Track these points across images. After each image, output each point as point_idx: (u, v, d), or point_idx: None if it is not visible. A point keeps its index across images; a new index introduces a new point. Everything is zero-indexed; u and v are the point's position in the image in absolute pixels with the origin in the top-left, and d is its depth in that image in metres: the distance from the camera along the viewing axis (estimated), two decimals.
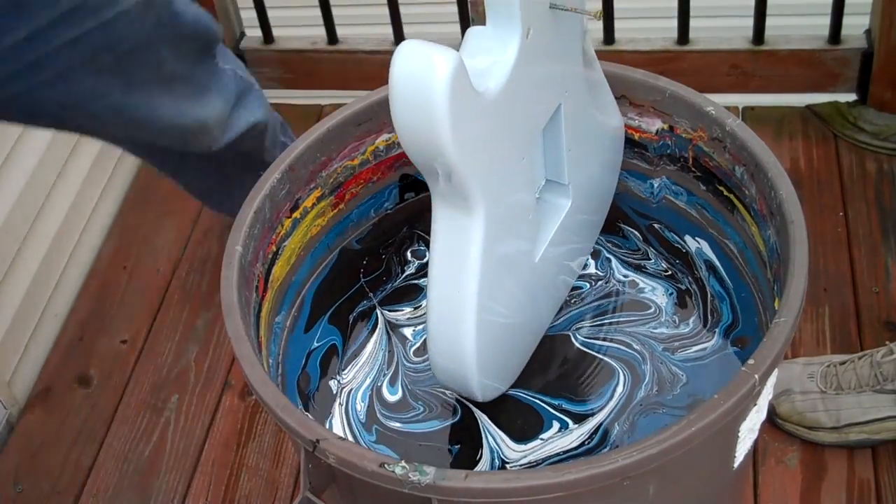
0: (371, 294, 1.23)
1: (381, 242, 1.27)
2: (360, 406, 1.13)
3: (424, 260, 1.25)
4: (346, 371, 1.16)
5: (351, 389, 1.15)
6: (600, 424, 1.08)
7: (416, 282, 1.23)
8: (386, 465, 0.86)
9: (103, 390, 1.69)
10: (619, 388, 1.10)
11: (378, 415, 1.12)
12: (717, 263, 1.19)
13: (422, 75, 0.77)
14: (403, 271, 1.24)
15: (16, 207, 1.69)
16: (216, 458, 1.58)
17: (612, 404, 1.09)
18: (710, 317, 1.16)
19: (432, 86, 0.77)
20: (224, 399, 1.65)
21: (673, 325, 1.16)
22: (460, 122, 0.80)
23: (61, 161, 1.83)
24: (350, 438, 1.09)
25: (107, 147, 1.98)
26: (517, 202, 1.00)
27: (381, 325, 1.20)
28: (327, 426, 1.11)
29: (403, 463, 0.86)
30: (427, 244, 1.22)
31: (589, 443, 1.07)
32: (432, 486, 0.85)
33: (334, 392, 1.14)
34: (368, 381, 1.15)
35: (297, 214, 1.16)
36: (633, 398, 1.09)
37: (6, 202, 1.68)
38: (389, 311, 1.21)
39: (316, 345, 1.19)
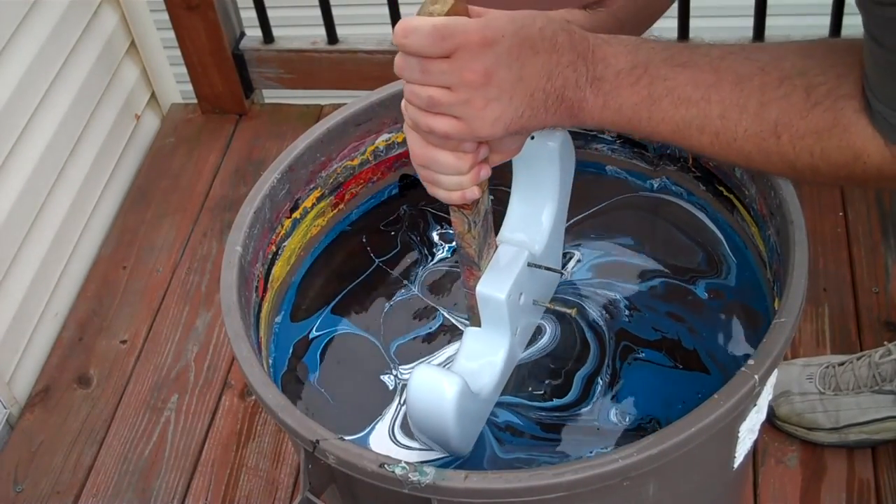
0: (406, 282, 1.16)
1: (378, 219, 1.22)
2: None
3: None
4: (406, 368, 1.09)
5: None
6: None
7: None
8: (386, 466, 0.86)
9: (103, 390, 1.69)
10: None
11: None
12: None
13: (434, 398, 0.94)
14: (433, 255, 1.18)
15: (16, 207, 1.69)
16: (216, 458, 1.58)
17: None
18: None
19: (442, 405, 0.94)
20: (224, 399, 1.65)
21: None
22: (462, 420, 0.96)
23: (61, 161, 1.83)
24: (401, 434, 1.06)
25: (106, 147, 1.98)
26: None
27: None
28: (371, 426, 1.05)
29: (403, 463, 0.86)
30: (449, 224, 1.17)
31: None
32: (432, 486, 0.85)
33: (391, 388, 1.08)
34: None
35: (296, 214, 1.16)
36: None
37: (6, 202, 1.68)
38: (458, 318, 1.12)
39: (316, 334, 1.13)
